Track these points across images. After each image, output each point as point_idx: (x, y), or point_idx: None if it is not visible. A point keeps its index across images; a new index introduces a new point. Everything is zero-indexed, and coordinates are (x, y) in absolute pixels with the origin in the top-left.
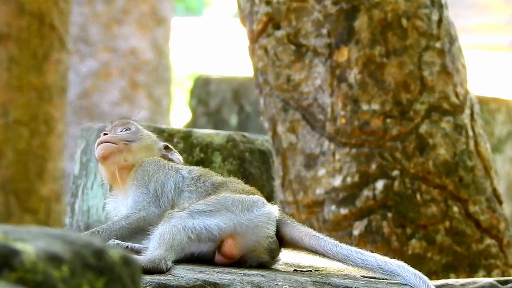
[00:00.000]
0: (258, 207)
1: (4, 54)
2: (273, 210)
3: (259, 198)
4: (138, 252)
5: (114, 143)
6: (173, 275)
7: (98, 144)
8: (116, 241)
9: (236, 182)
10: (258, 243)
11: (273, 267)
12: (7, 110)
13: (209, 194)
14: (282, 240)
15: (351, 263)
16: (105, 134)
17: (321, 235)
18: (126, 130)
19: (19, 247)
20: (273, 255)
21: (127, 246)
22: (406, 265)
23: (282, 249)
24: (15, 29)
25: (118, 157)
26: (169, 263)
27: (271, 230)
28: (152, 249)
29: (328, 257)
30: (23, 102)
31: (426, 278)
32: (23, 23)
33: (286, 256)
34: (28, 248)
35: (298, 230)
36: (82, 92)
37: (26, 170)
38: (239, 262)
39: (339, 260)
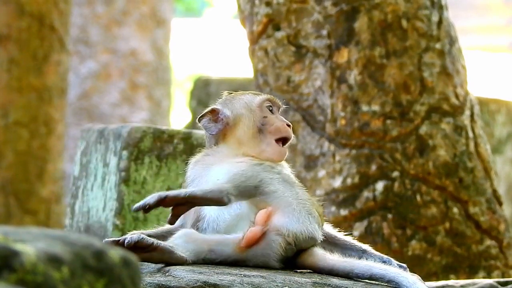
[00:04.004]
0: (317, 216)
1: (4, 55)
2: (322, 229)
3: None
4: (162, 250)
5: None
6: (173, 276)
7: (284, 140)
8: (142, 236)
9: None
10: (287, 232)
11: (273, 268)
12: (7, 111)
13: None
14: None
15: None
16: (288, 125)
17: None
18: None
19: (19, 248)
20: (281, 261)
21: (152, 243)
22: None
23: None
24: (15, 30)
25: None
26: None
27: (304, 235)
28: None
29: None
30: (23, 103)
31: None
32: (23, 24)
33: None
34: (28, 249)
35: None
36: (82, 93)
37: (26, 171)
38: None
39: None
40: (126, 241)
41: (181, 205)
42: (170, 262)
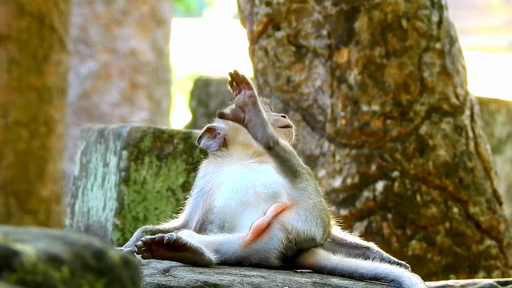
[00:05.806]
0: (327, 223)
1: (4, 55)
2: (326, 236)
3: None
4: (194, 251)
5: None
6: (173, 276)
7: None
8: (179, 235)
9: None
10: (291, 228)
11: (273, 267)
12: (7, 111)
13: None
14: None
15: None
16: (283, 116)
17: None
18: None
19: (19, 248)
20: (281, 260)
21: (186, 243)
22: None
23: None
24: (15, 30)
25: None
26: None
27: (309, 235)
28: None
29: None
30: (23, 103)
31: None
32: (23, 24)
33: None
34: (28, 249)
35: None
36: (82, 93)
37: (26, 171)
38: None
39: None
40: (166, 238)
41: None
42: (200, 263)
